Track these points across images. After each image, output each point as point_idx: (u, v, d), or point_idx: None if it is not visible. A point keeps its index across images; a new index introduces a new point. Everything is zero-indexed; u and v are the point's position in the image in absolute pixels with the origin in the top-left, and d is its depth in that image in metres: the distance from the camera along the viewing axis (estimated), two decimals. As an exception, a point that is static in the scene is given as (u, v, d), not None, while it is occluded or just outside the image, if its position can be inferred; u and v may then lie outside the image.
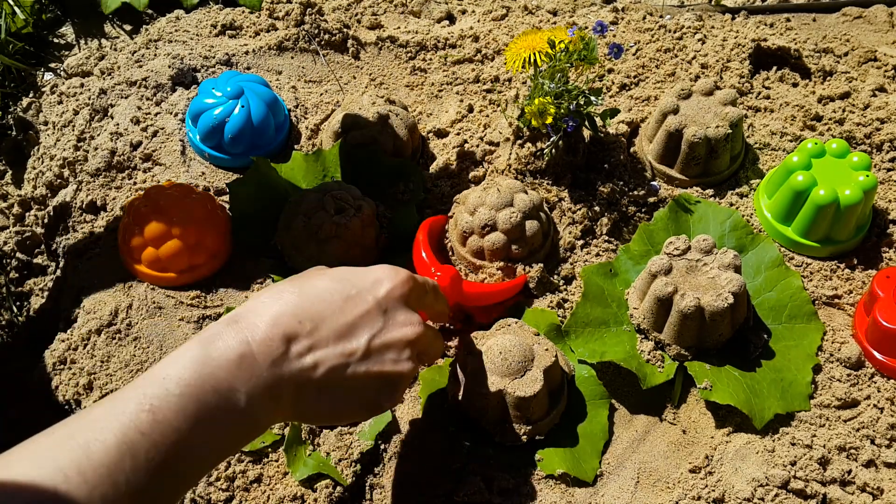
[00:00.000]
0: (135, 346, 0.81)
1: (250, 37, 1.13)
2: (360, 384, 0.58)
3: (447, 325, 0.83)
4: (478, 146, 0.98)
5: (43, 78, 1.15)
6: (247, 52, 1.10)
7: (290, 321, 0.56)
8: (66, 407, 0.79)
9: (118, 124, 1.00)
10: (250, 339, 0.54)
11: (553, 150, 0.90)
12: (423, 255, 0.83)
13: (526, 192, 0.86)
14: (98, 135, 1.01)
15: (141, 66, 1.08)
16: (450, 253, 0.89)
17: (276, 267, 0.88)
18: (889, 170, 0.97)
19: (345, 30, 1.12)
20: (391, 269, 0.63)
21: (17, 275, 0.97)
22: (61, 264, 0.93)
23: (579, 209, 0.91)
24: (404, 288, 0.62)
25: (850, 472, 0.73)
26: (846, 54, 1.10)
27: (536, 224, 0.85)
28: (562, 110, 0.86)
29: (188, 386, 0.50)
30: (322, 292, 0.59)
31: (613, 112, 0.91)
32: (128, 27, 1.20)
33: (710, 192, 0.95)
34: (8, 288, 0.96)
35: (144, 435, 0.47)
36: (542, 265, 0.85)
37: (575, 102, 0.86)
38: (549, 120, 0.85)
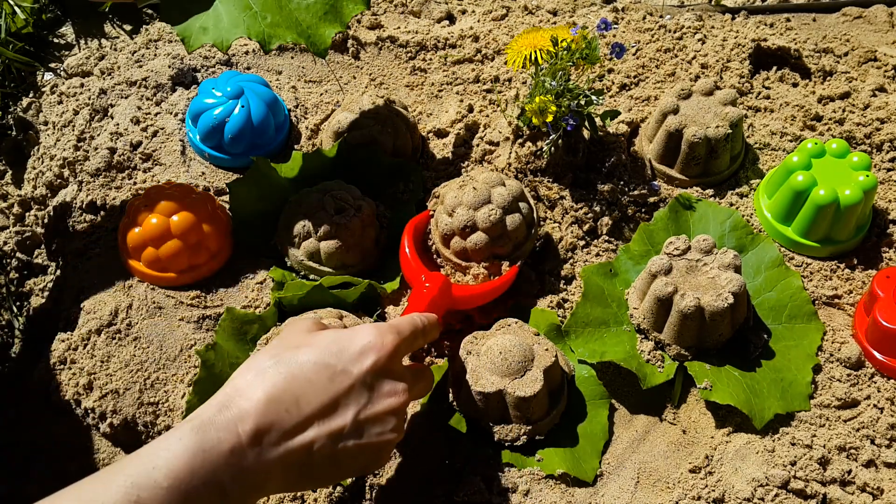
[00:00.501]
0: (135, 346, 0.81)
1: (250, 37, 1.13)
2: (347, 457, 0.59)
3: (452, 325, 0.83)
4: (478, 145, 0.98)
5: (43, 78, 1.15)
6: (247, 52, 1.10)
7: (278, 408, 0.56)
8: (66, 407, 0.79)
9: (118, 124, 1.00)
10: (241, 430, 0.54)
11: (553, 149, 0.90)
12: (411, 260, 0.82)
13: (504, 185, 0.84)
14: (98, 135, 1.01)
15: (141, 66, 1.08)
16: (434, 255, 0.88)
17: (276, 267, 0.88)
18: (889, 170, 0.97)
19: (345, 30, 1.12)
20: (377, 335, 0.62)
21: (17, 275, 0.97)
22: (61, 264, 0.93)
23: (580, 209, 0.91)
24: (390, 357, 0.61)
25: (850, 472, 0.73)
26: (846, 54, 1.10)
27: (518, 217, 0.82)
28: (562, 109, 0.85)
29: (177, 479, 0.50)
30: (307, 372, 0.58)
31: (614, 113, 0.92)
32: (128, 27, 1.20)
33: (710, 192, 0.95)
34: (8, 288, 0.96)
35: None
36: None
37: (576, 102, 0.86)
38: (550, 118, 0.85)
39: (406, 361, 0.76)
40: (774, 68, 1.09)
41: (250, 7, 0.73)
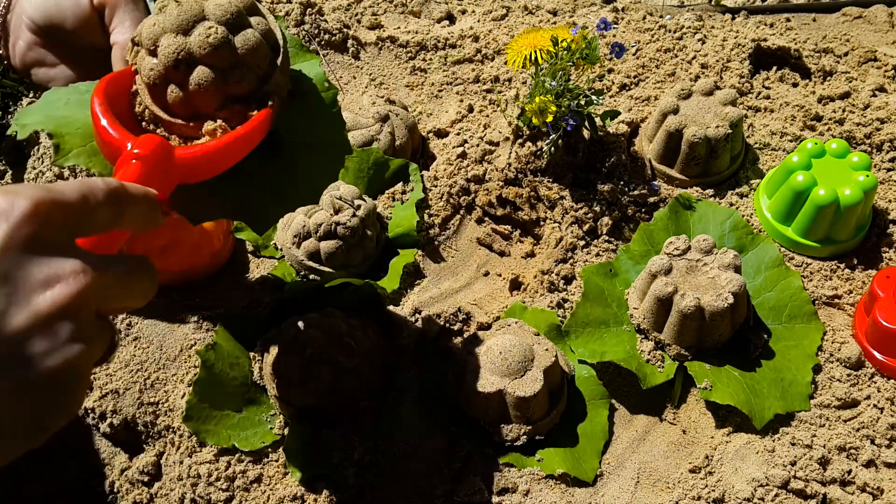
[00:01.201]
0: (135, 347, 0.81)
1: (250, 37, 1.13)
2: None
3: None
4: (478, 146, 0.98)
5: (43, 78, 1.15)
6: (247, 52, 1.10)
7: None
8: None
9: (118, 124, 1.00)
10: None
11: (553, 149, 0.90)
12: (106, 126, 0.53)
13: None
14: (98, 135, 1.01)
15: (141, 66, 1.08)
16: (152, 127, 0.58)
17: (276, 267, 0.88)
18: (889, 170, 0.97)
19: (345, 30, 1.12)
20: (3, 196, 0.38)
21: (17, 275, 0.97)
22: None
23: (580, 209, 0.91)
24: (30, 226, 0.38)
25: (850, 472, 0.73)
26: (846, 54, 1.10)
27: (253, 35, 0.56)
28: (562, 109, 0.86)
29: None
30: None
31: (614, 114, 0.92)
32: (128, 27, 1.19)
33: (710, 192, 0.95)
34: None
35: None
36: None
37: (576, 102, 0.86)
38: (550, 118, 0.85)
39: None
40: (774, 68, 1.09)
41: None
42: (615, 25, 1.14)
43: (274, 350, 0.75)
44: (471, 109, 1.04)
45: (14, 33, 0.73)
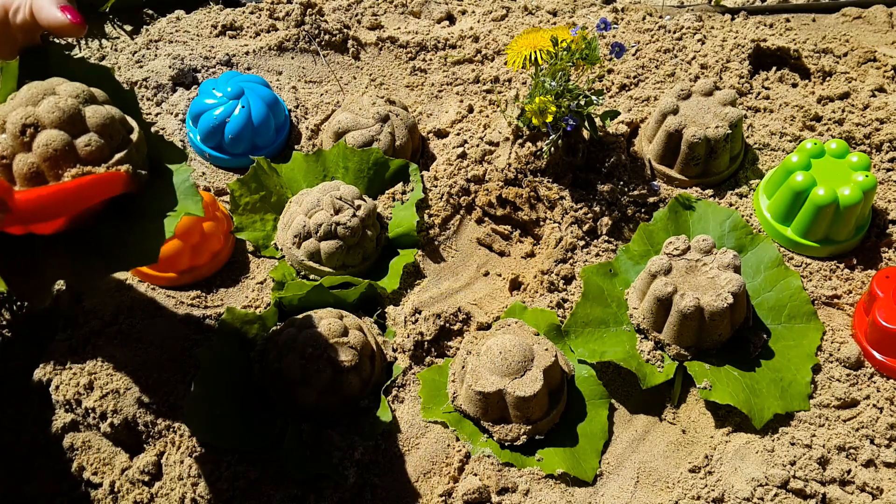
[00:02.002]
0: (135, 346, 0.81)
1: (251, 37, 1.13)
2: None
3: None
4: (478, 146, 0.98)
5: (43, 78, 1.15)
6: (247, 53, 1.10)
7: None
8: (66, 407, 0.79)
9: (118, 124, 1.00)
10: None
11: (553, 150, 0.90)
12: None
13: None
14: (98, 135, 1.01)
15: (141, 67, 1.08)
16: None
17: (276, 267, 0.88)
18: (888, 170, 0.97)
19: (345, 30, 1.13)
20: None
21: (17, 275, 0.97)
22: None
23: (580, 209, 0.91)
24: None
25: (849, 471, 0.73)
26: (846, 54, 1.10)
27: (105, 108, 0.58)
28: (562, 109, 0.86)
29: None
30: None
31: (613, 114, 0.92)
32: (128, 27, 1.20)
33: (709, 192, 0.96)
34: (8, 288, 0.96)
35: None
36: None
37: (575, 102, 0.86)
38: (550, 119, 0.85)
39: None
40: (774, 68, 1.09)
41: None
42: (615, 26, 1.14)
43: (274, 350, 0.75)
44: (471, 110, 1.04)
45: None
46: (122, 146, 0.59)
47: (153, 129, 1.00)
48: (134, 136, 0.60)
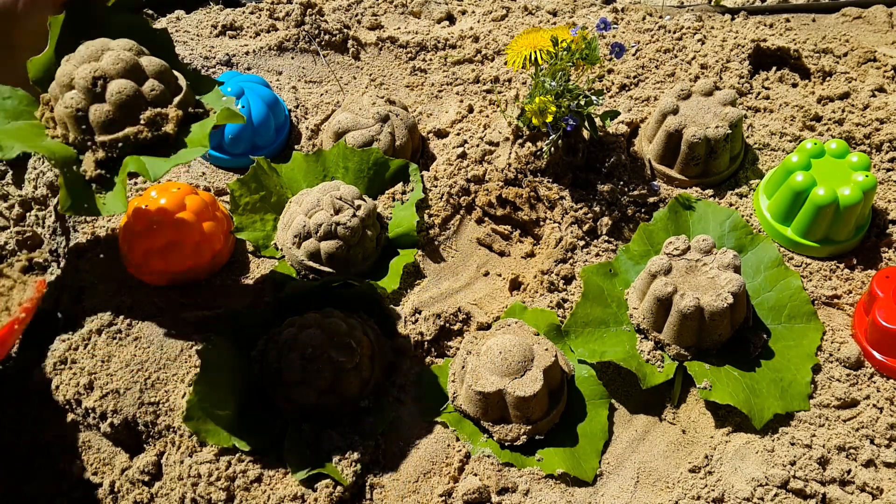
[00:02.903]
0: (135, 346, 0.81)
1: (251, 37, 1.13)
2: None
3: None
4: (478, 146, 0.99)
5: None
6: (247, 53, 1.10)
7: None
8: (66, 407, 0.79)
9: (118, 124, 1.00)
10: None
11: (553, 150, 0.91)
12: None
13: None
14: (98, 135, 1.01)
15: (141, 67, 1.08)
16: None
17: (276, 267, 0.88)
18: (888, 170, 0.97)
19: (345, 30, 1.13)
20: None
21: (17, 275, 0.97)
22: (62, 264, 0.93)
23: (580, 209, 0.91)
24: None
25: (849, 471, 0.73)
26: (846, 55, 1.10)
27: (157, 60, 0.68)
28: (562, 109, 0.86)
29: None
30: None
31: (613, 114, 0.92)
32: (128, 27, 1.20)
33: (709, 192, 0.96)
34: (8, 288, 0.96)
35: None
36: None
37: (575, 102, 0.86)
38: (550, 119, 0.85)
39: None
40: (774, 68, 1.09)
41: None
42: (615, 26, 1.14)
43: (274, 350, 0.75)
44: (471, 110, 1.04)
45: None
46: (178, 90, 0.68)
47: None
48: (182, 82, 0.69)
